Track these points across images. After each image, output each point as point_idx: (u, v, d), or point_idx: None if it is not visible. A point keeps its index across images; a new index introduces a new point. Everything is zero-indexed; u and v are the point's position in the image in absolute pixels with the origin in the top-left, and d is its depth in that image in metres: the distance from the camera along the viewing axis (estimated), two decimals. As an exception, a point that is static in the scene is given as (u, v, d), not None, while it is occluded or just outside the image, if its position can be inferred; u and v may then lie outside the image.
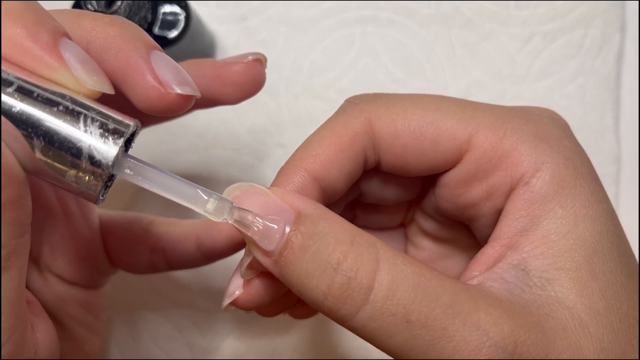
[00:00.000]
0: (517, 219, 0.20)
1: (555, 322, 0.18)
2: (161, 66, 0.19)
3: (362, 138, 0.21)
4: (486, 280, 0.19)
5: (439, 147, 0.21)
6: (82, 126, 0.17)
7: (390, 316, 0.17)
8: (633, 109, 0.36)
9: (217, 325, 0.36)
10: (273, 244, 0.18)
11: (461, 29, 0.36)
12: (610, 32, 0.36)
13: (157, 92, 0.19)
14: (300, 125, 0.36)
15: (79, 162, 0.17)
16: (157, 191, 0.19)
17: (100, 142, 0.17)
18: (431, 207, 0.24)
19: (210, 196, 0.19)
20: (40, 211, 0.24)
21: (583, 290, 0.18)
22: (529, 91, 0.36)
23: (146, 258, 0.28)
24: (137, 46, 0.19)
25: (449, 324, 0.17)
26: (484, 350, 0.17)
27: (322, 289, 0.17)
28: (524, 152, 0.20)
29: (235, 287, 0.21)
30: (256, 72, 0.24)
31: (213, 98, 0.24)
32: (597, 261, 0.19)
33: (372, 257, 0.18)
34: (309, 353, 0.35)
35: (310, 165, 0.20)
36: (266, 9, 0.37)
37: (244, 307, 0.21)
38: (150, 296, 0.36)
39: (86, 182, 0.18)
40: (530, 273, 0.19)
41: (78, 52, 0.18)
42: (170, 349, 0.36)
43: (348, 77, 0.37)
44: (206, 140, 0.37)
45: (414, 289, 0.17)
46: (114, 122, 0.18)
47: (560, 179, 0.19)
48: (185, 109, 0.20)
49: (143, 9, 0.30)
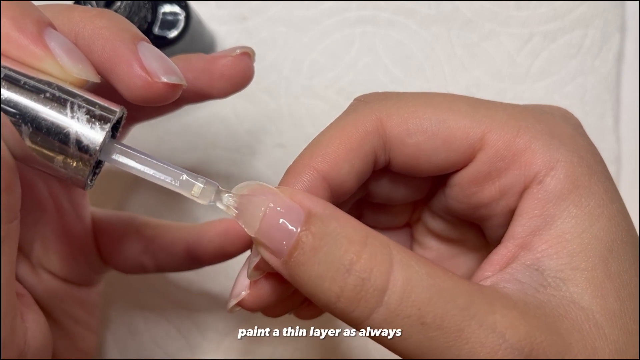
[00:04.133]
0: (530, 219, 0.19)
1: (571, 323, 0.18)
2: (148, 56, 0.19)
3: (373, 137, 0.21)
4: (500, 281, 0.19)
5: (451, 146, 0.20)
6: (69, 112, 0.18)
7: (405, 318, 0.17)
8: (633, 109, 0.36)
9: (217, 325, 0.36)
10: (282, 240, 0.17)
11: (461, 29, 0.36)
12: (610, 32, 0.36)
13: (143, 81, 0.19)
14: (300, 125, 0.36)
15: (67, 148, 0.18)
16: (144, 176, 0.19)
17: (87, 127, 0.18)
18: (440, 207, 0.24)
19: (196, 180, 0.19)
20: (33, 207, 0.25)
21: (598, 290, 0.18)
22: (529, 91, 0.36)
23: (136, 258, 0.28)
24: (124, 37, 0.19)
25: (465, 326, 0.17)
26: (500, 352, 0.17)
27: (335, 290, 0.17)
28: (537, 150, 0.20)
29: (241, 288, 0.20)
30: (244, 65, 0.25)
31: (202, 92, 0.25)
32: (612, 261, 0.18)
33: (386, 258, 0.17)
34: (309, 353, 0.35)
35: (320, 165, 0.20)
36: (266, 9, 0.37)
37: (250, 308, 0.21)
38: (150, 296, 0.36)
39: (74, 167, 0.18)
40: (545, 273, 0.19)
41: (63, 41, 0.18)
42: (170, 349, 0.36)
43: (348, 77, 0.37)
44: (206, 140, 0.37)
45: (429, 290, 0.17)
46: (101, 109, 0.18)
47: (574, 177, 0.19)
48: (172, 98, 0.20)
49: (143, 9, 0.30)
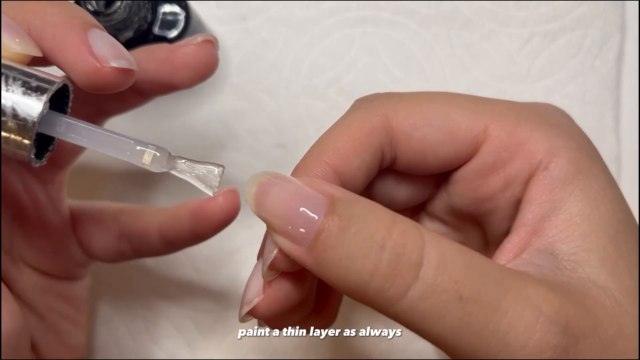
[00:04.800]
0: (539, 205, 0.20)
1: (594, 300, 0.18)
2: (97, 42, 0.19)
3: (380, 133, 0.21)
4: (517, 266, 0.19)
5: (456, 138, 0.21)
6: (3, 86, 0.17)
7: (442, 293, 0.16)
8: (633, 108, 0.36)
9: (217, 325, 0.36)
10: (304, 229, 0.17)
11: (461, 29, 0.36)
12: (610, 32, 0.36)
13: (91, 66, 0.19)
14: (300, 125, 0.36)
15: (5, 122, 0.17)
16: (93, 147, 0.19)
17: (24, 99, 0.18)
18: (440, 208, 0.24)
19: (146, 147, 0.19)
20: (10, 203, 0.25)
21: (612, 269, 0.18)
22: (529, 91, 0.36)
23: (114, 246, 0.28)
24: (73, 24, 0.19)
25: (501, 299, 0.16)
26: (539, 325, 0.16)
27: (369, 268, 0.16)
28: (539, 138, 0.20)
29: (254, 294, 0.20)
30: (206, 53, 0.24)
31: (166, 82, 0.24)
32: (621, 241, 0.19)
33: (417, 235, 0.17)
34: (309, 353, 0.35)
35: (331, 159, 0.20)
36: (266, 9, 0.37)
37: (263, 316, 0.20)
38: (151, 296, 0.36)
39: (16, 142, 0.18)
40: (559, 257, 0.19)
41: (2, 19, 0.18)
42: (170, 349, 0.36)
43: (348, 77, 0.37)
44: (206, 140, 0.37)
45: (464, 264, 0.17)
46: (38, 80, 0.18)
47: (577, 162, 0.20)
48: (125, 85, 0.20)
49: (143, 9, 0.30)
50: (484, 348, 0.16)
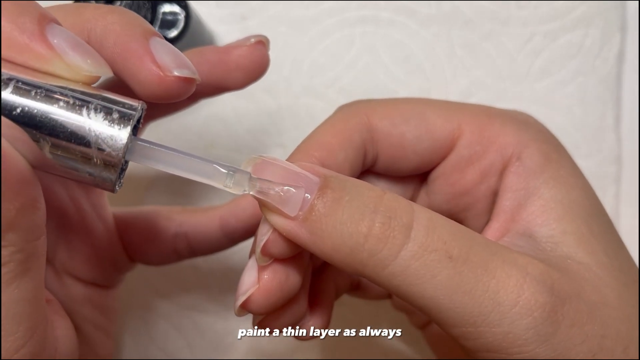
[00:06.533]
0: (515, 192, 0.21)
1: (575, 272, 0.19)
2: (160, 51, 0.19)
3: (362, 129, 0.22)
4: None
5: (433, 134, 0.22)
6: (86, 118, 0.17)
7: (433, 252, 0.17)
8: (633, 108, 0.36)
9: (217, 325, 0.36)
10: (297, 208, 0.18)
11: (461, 29, 0.36)
12: (610, 32, 0.36)
13: (155, 75, 0.18)
14: (300, 125, 0.36)
15: (90, 154, 0.17)
16: (172, 171, 0.18)
17: (108, 131, 0.17)
18: None
19: (228, 169, 0.18)
20: (54, 213, 0.24)
21: (588, 248, 0.19)
22: (529, 91, 0.36)
23: (169, 246, 0.28)
24: (135, 32, 0.19)
25: (488, 260, 0.17)
26: (526, 285, 0.17)
27: (362, 230, 0.17)
28: (509, 132, 0.22)
29: (249, 284, 0.20)
30: (260, 54, 0.24)
31: (218, 84, 0.24)
32: (594, 223, 0.20)
33: (407, 202, 0.18)
34: (309, 353, 0.35)
35: (318, 152, 0.21)
36: (266, 8, 0.37)
37: (258, 308, 0.20)
38: (151, 297, 0.36)
39: (101, 174, 0.17)
40: (538, 239, 0.20)
41: (68, 36, 0.17)
42: (170, 349, 0.36)
43: (348, 77, 0.36)
44: (206, 140, 0.37)
45: (451, 227, 0.18)
46: (119, 108, 0.17)
47: (546, 153, 0.21)
48: (186, 94, 0.19)
49: (143, 9, 0.30)
50: (475, 308, 0.17)
